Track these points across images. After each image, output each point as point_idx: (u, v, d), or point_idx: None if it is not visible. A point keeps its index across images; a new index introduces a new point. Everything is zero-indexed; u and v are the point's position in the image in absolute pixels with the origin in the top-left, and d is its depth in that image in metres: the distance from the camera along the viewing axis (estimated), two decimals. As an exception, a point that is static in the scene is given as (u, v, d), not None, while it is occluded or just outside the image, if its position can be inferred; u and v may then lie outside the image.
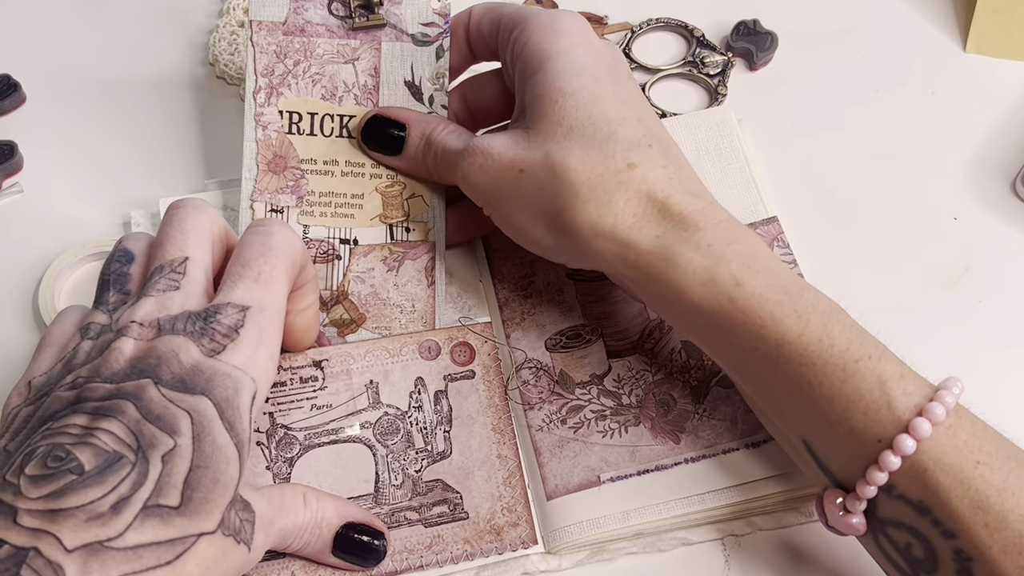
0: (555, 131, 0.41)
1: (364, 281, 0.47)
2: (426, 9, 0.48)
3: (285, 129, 0.47)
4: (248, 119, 0.47)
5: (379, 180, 0.48)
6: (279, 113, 0.47)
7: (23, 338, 0.48)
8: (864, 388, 0.36)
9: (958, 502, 0.34)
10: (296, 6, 0.48)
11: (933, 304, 0.50)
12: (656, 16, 0.59)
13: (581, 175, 0.40)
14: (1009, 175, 0.54)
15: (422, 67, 0.48)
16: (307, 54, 0.48)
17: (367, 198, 0.48)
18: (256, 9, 0.48)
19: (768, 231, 0.49)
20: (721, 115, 0.53)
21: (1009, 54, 0.58)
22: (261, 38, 0.47)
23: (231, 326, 0.36)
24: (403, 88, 0.48)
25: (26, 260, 0.50)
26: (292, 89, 0.48)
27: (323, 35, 0.48)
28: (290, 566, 0.41)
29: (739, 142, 0.52)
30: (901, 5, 0.60)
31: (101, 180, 0.53)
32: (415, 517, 0.43)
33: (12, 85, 0.55)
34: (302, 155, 0.47)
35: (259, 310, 0.37)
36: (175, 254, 0.38)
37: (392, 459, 0.44)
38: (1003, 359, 0.49)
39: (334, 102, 0.48)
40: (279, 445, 0.44)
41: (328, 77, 0.48)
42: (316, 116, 0.48)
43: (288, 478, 0.43)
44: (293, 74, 0.48)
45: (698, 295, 0.38)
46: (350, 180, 0.48)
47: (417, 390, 0.45)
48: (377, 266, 0.47)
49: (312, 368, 0.45)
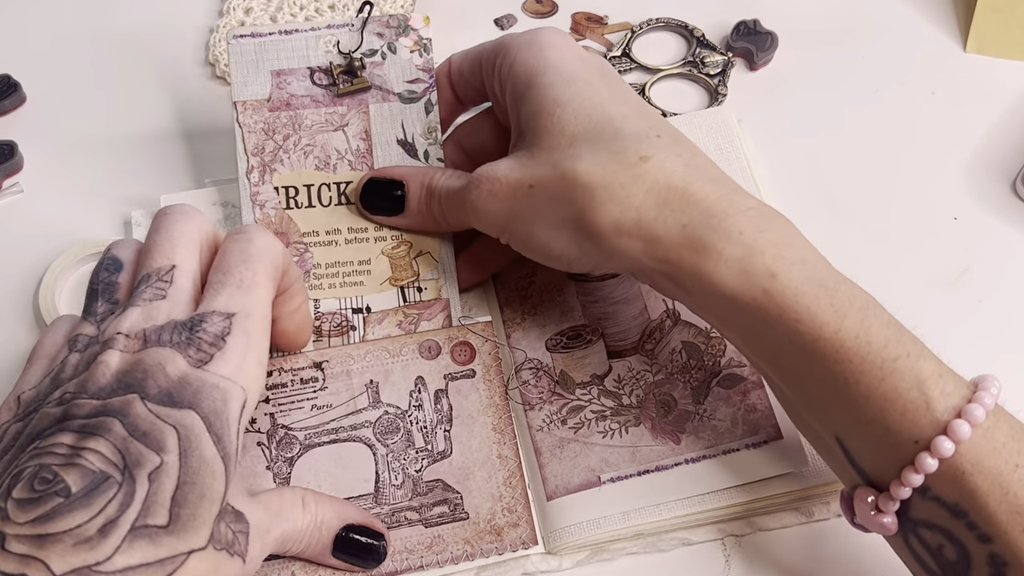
0: (558, 142, 0.40)
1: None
2: (409, 67, 0.48)
3: (283, 205, 0.47)
4: (244, 201, 0.47)
5: (384, 243, 0.47)
6: (275, 190, 0.47)
7: (23, 338, 0.48)
8: (902, 387, 0.35)
9: (996, 506, 0.33)
10: (278, 81, 0.48)
11: (933, 304, 0.50)
12: (656, 16, 0.59)
13: (595, 176, 0.39)
14: (1009, 175, 0.54)
15: (413, 124, 0.48)
16: (296, 127, 0.48)
17: (375, 262, 0.47)
18: (238, 90, 0.48)
19: None
20: (722, 115, 0.53)
21: (1009, 54, 0.58)
22: (247, 118, 0.48)
23: (217, 334, 0.36)
24: (396, 147, 0.48)
25: (26, 260, 0.50)
26: (285, 164, 0.47)
27: (309, 106, 0.48)
28: (290, 566, 0.41)
29: (739, 142, 0.52)
30: (901, 5, 0.60)
31: (101, 180, 0.53)
32: (415, 517, 0.43)
33: (12, 85, 0.55)
34: (303, 228, 0.47)
35: (245, 316, 0.36)
36: (162, 262, 0.38)
37: (392, 458, 0.44)
38: (1003, 359, 0.49)
39: (329, 171, 0.48)
40: (279, 445, 0.44)
41: (320, 147, 0.48)
42: (312, 187, 0.47)
43: (288, 478, 0.43)
44: (284, 149, 0.47)
45: (731, 287, 0.37)
46: (355, 247, 0.47)
47: (417, 389, 0.45)
48: (393, 330, 0.47)
49: (313, 369, 0.45)
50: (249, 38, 0.48)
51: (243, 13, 0.58)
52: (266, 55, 0.48)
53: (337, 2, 0.59)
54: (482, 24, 0.59)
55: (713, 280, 0.37)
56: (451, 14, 0.59)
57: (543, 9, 0.60)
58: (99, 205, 0.52)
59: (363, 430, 0.44)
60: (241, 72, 0.48)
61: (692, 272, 0.38)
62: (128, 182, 0.53)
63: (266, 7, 0.59)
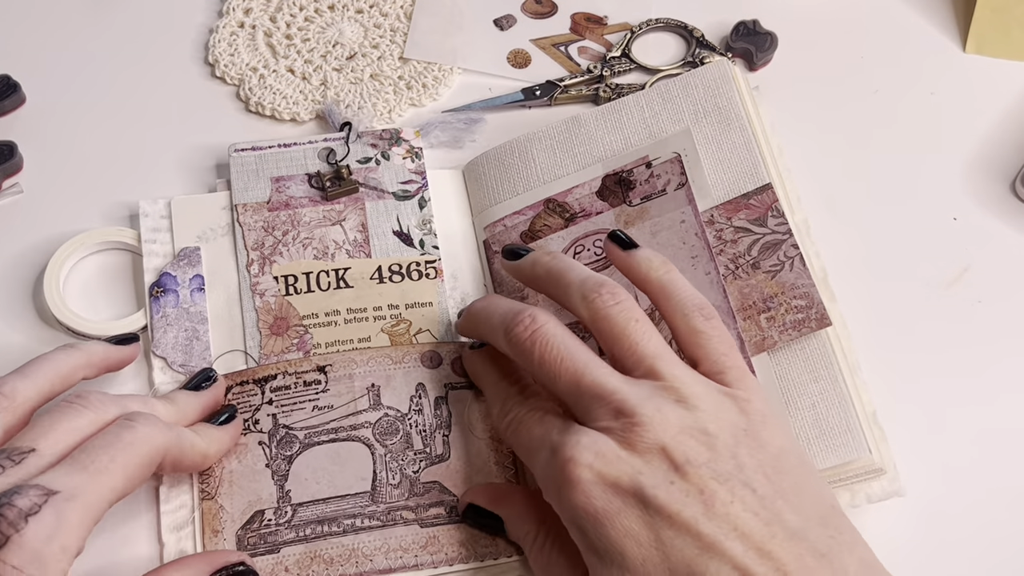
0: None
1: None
2: (402, 170, 0.51)
3: (283, 292, 0.48)
4: (244, 291, 0.48)
5: (384, 321, 0.48)
6: (274, 279, 0.48)
7: (22, 338, 0.48)
8: None
9: None
10: (278, 186, 0.50)
11: (932, 304, 0.50)
12: (656, 16, 0.59)
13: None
14: (1009, 175, 0.54)
15: (408, 217, 0.50)
16: (294, 223, 0.49)
17: (375, 340, 0.47)
18: (239, 195, 0.49)
19: (762, 200, 0.47)
20: (719, 70, 0.50)
21: (1009, 54, 0.58)
22: (247, 217, 0.49)
23: (22, 510, 0.33)
24: (393, 238, 0.49)
25: (26, 261, 0.50)
26: (284, 256, 0.48)
27: (307, 205, 0.50)
28: (284, 562, 0.41)
29: (740, 98, 0.50)
30: (901, 5, 0.60)
31: (101, 180, 0.53)
32: (411, 517, 0.43)
33: (12, 85, 0.55)
34: (302, 312, 0.47)
35: (66, 498, 0.34)
36: (23, 443, 0.36)
37: (391, 459, 0.44)
38: (1003, 359, 0.49)
39: (327, 259, 0.48)
40: (280, 444, 0.44)
41: (318, 239, 0.49)
42: (311, 274, 0.48)
43: (286, 475, 0.43)
44: (283, 243, 0.49)
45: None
46: (355, 326, 0.48)
47: (418, 395, 0.45)
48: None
49: (316, 372, 0.45)
50: (250, 151, 0.51)
51: (243, 13, 0.58)
52: (265, 165, 0.50)
53: (337, 3, 0.59)
54: (482, 24, 0.59)
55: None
56: (451, 14, 0.59)
57: (543, 9, 0.60)
58: (99, 205, 0.52)
59: (363, 430, 0.44)
60: (242, 180, 0.50)
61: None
62: (128, 183, 0.53)
63: (266, 7, 0.59)
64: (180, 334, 0.46)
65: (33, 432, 0.36)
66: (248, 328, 0.47)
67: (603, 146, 0.51)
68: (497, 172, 0.52)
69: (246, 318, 0.47)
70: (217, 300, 0.48)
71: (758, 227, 0.47)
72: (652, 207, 0.48)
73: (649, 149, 0.50)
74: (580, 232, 0.49)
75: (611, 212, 0.49)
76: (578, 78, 0.57)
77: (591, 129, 0.51)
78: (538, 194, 0.50)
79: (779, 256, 0.46)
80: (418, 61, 0.57)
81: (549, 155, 0.51)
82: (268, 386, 0.45)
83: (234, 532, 0.42)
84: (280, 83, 0.56)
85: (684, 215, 0.48)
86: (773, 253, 0.46)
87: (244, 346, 0.47)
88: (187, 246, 0.48)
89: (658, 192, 0.49)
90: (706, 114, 0.50)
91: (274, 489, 0.43)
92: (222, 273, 0.48)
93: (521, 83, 0.57)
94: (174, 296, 0.47)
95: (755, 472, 0.36)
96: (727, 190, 0.48)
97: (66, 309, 0.47)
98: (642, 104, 0.51)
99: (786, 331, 0.45)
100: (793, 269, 0.46)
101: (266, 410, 0.45)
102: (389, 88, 0.56)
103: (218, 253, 0.49)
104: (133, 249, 0.50)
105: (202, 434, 0.41)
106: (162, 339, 0.46)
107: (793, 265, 0.46)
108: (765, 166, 0.48)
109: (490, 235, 0.50)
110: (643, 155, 0.50)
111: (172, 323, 0.47)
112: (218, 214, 0.50)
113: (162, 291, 0.47)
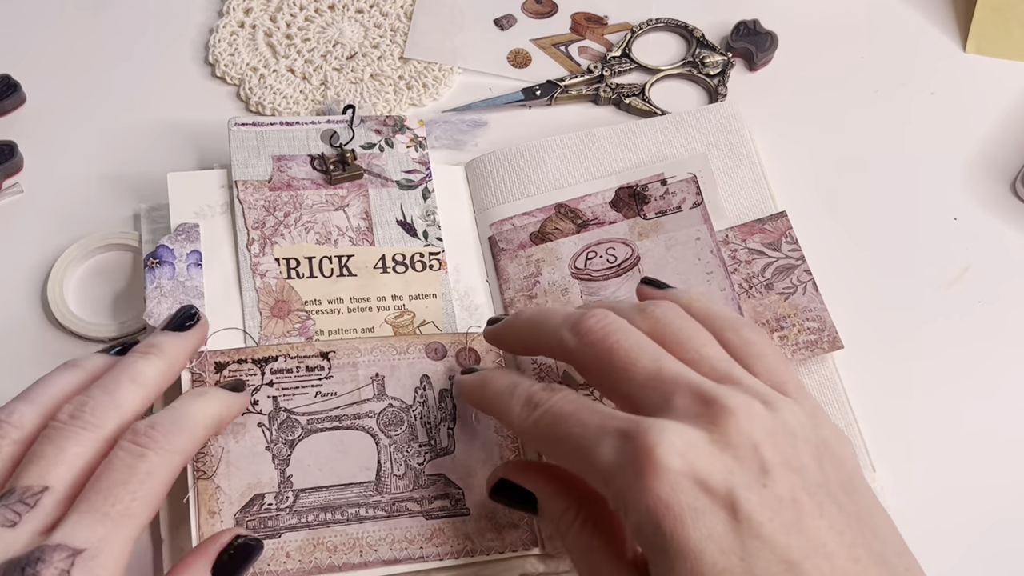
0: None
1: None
2: (406, 159, 0.50)
3: (284, 275, 0.47)
4: (244, 270, 0.47)
5: (387, 312, 0.47)
6: (275, 261, 0.47)
7: (26, 339, 0.48)
8: None
9: None
10: (279, 165, 0.49)
11: (933, 304, 0.50)
12: (656, 16, 0.59)
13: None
14: (1009, 175, 0.54)
15: (411, 207, 0.49)
16: (296, 205, 0.48)
17: (378, 330, 0.47)
18: (239, 171, 0.49)
19: (777, 227, 0.49)
20: (731, 110, 0.53)
21: (1009, 54, 0.58)
22: (248, 195, 0.48)
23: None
24: (396, 227, 0.49)
25: (26, 261, 0.50)
26: (286, 238, 0.48)
27: (310, 188, 0.49)
28: (285, 547, 0.41)
29: (749, 137, 0.52)
30: (901, 5, 0.60)
31: (101, 180, 0.53)
32: (416, 508, 0.43)
33: (12, 85, 0.55)
34: (305, 297, 0.47)
35: (93, 555, 0.32)
36: (35, 480, 0.34)
37: (395, 450, 0.44)
38: (1003, 359, 0.49)
39: (330, 245, 0.48)
40: (281, 427, 0.43)
41: (320, 224, 0.48)
42: (314, 259, 0.48)
43: (288, 460, 0.43)
44: (285, 224, 0.48)
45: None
46: (358, 315, 0.47)
47: (423, 386, 0.45)
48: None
49: (319, 358, 0.45)
50: (251, 126, 0.50)
51: (243, 13, 0.58)
52: (267, 142, 0.50)
53: (337, 2, 0.59)
54: (482, 24, 0.59)
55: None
56: (451, 14, 0.59)
57: (543, 9, 0.60)
58: (99, 205, 0.52)
59: (367, 420, 0.44)
60: (242, 155, 0.49)
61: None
62: (128, 182, 0.53)
63: (266, 7, 0.59)
64: (175, 307, 0.45)
65: (40, 466, 0.34)
66: (248, 308, 0.46)
67: (617, 161, 0.52)
68: (506, 172, 0.52)
69: (245, 297, 0.47)
70: (214, 277, 0.47)
71: (772, 251, 0.48)
72: (667, 222, 0.49)
73: (664, 168, 0.51)
74: (593, 239, 0.49)
75: (625, 223, 0.50)
76: (578, 78, 0.57)
77: (605, 145, 0.52)
78: (549, 198, 0.51)
79: (792, 280, 0.47)
80: (418, 61, 0.57)
81: (562, 163, 0.52)
82: (269, 367, 0.45)
83: (232, 514, 0.42)
84: (280, 83, 0.56)
85: (700, 232, 0.49)
86: (787, 276, 0.48)
87: (243, 325, 0.46)
88: (185, 222, 0.48)
89: (673, 208, 0.50)
90: (718, 147, 0.52)
91: (275, 473, 0.43)
92: (220, 251, 0.47)
93: (521, 83, 0.57)
94: (170, 268, 0.46)
95: (838, 488, 0.33)
96: (739, 215, 0.50)
97: (70, 314, 0.48)
98: (656, 129, 0.53)
99: (799, 350, 0.46)
100: (806, 293, 0.47)
101: (266, 391, 0.44)
102: (389, 88, 0.56)
103: (215, 231, 0.48)
104: (135, 250, 0.50)
105: (207, 407, 0.39)
106: (155, 309, 0.45)
107: (806, 289, 0.47)
108: (773, 202, 0.50)
109: (496, 232, 0.50)
110: (658, 172, 0.51)
111: (167, 294, 0.46)
112: (216, 192, 0.49)
113: (157, 262, 0.46)
